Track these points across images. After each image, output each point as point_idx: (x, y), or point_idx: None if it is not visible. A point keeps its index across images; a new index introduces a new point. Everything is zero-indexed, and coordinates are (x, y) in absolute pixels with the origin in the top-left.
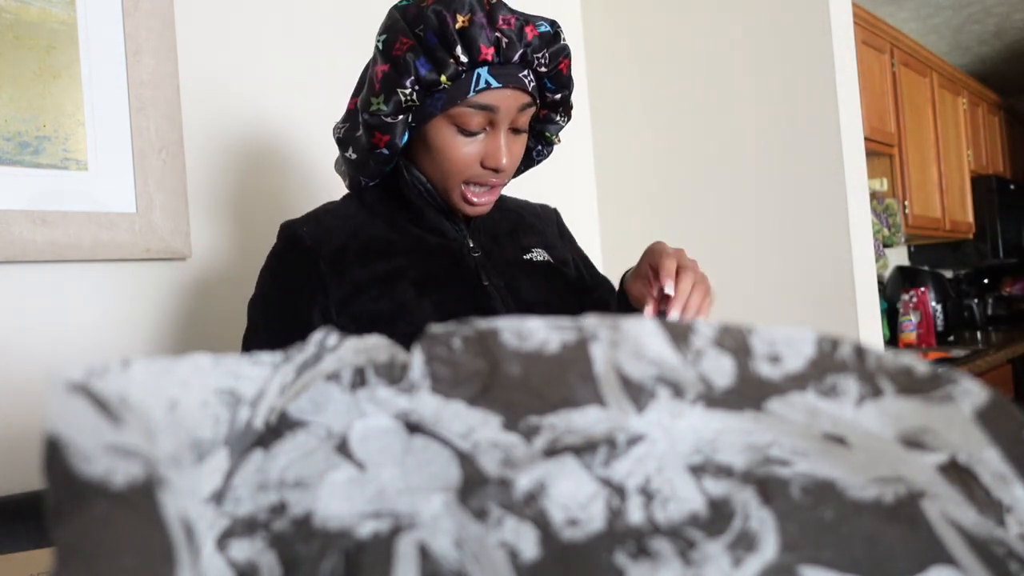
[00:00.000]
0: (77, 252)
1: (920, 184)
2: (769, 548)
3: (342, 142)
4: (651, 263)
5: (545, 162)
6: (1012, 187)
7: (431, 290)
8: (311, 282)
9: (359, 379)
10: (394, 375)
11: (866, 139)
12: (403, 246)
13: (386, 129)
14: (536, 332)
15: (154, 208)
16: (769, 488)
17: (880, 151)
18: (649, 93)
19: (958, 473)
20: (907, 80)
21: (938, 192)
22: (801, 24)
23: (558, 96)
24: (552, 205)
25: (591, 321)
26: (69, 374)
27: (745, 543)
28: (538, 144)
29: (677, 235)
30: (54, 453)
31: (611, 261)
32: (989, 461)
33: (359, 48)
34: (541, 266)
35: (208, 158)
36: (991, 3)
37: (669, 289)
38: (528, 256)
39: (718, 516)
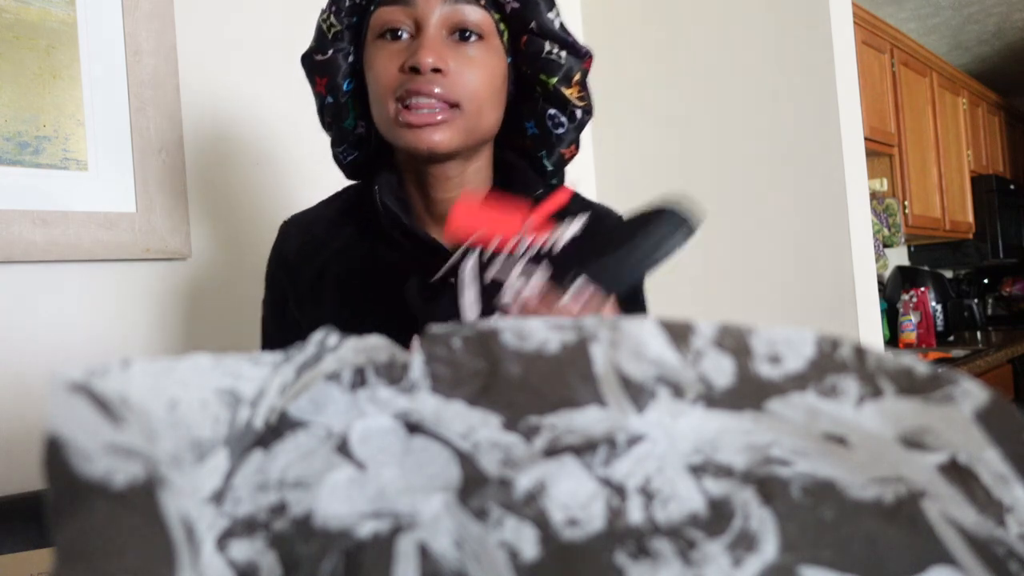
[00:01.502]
0: (77, 252)
1: (920, 184)
2: (769, 548)
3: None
4: None
5: None
6: (1012, 187)
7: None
8: (285, 300)
9: (359, 379)
10: (394, 375)
11: (866, 139)
12: (368, 271)
13: (322, 69)
14: (536, 332)
15: (154, 208)
16: (769, 488)
17: (880, 151)
18: (649, 93)
19: (958, 473)
20: (907, 80)
21: (938, 192)
22: (801, 24)
23: (517, 4)
24: None
25: (591, 321)
26: (69, 374)
27: (745, 543)
28: (551, 106)
29: None
30: (55, 453)
31: None
32: (989, 461)
33: None
34: None
35: (208, 158)
36: (991, 3)
37: None
38: None
39: (718, 516)
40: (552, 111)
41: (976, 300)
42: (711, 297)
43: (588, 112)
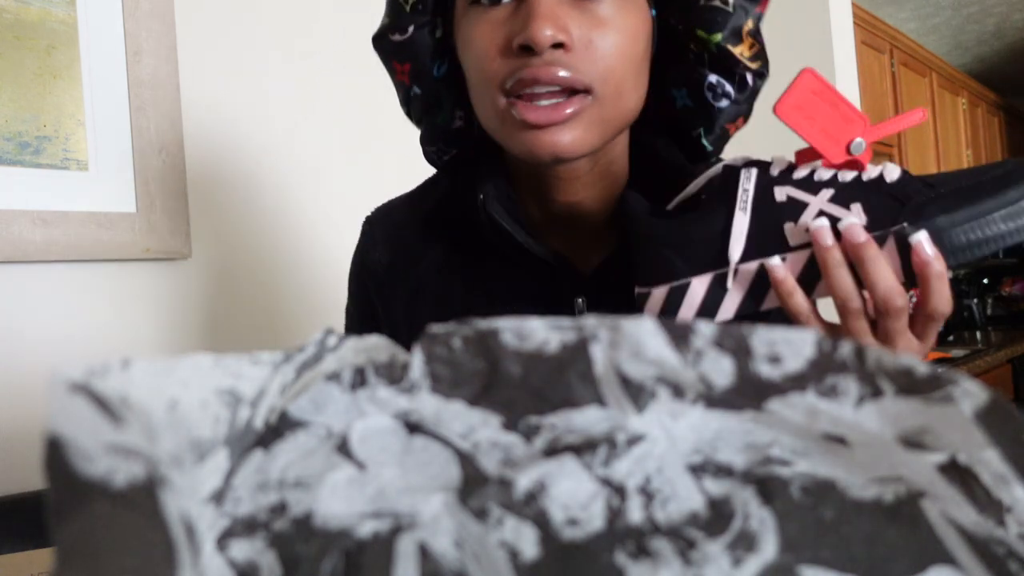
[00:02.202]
0: (77, 252)
1: None
2: (769, 548)
3: (415, 122)
4: None
5: None
6: None
7: None
8: (375, 316)
9: (359, 379)
10: (394, 375)
11: None
12: (462, 303)
13: (403, 52)
14: (536, 332)
15: (154, 208)
16: (769, 488)
17: (880, 151)
18: None
19: (958, 473)
20: (907, 80)
21: None
22: (801, 24)
23: None
24: None
25: (591, 321)
26: (70, 374)
27: (745, 543)
28: (713, 71)
29: None
30: (55, 453)
31: None
32: (989, 461)
33: (360, 47)
34: None
35: (208, 158)
36: (991, 3)
37: None
38: None
39: (718, 516)
40: (714, 78)
41: (976, 300)
42: None
43: (763, 74)
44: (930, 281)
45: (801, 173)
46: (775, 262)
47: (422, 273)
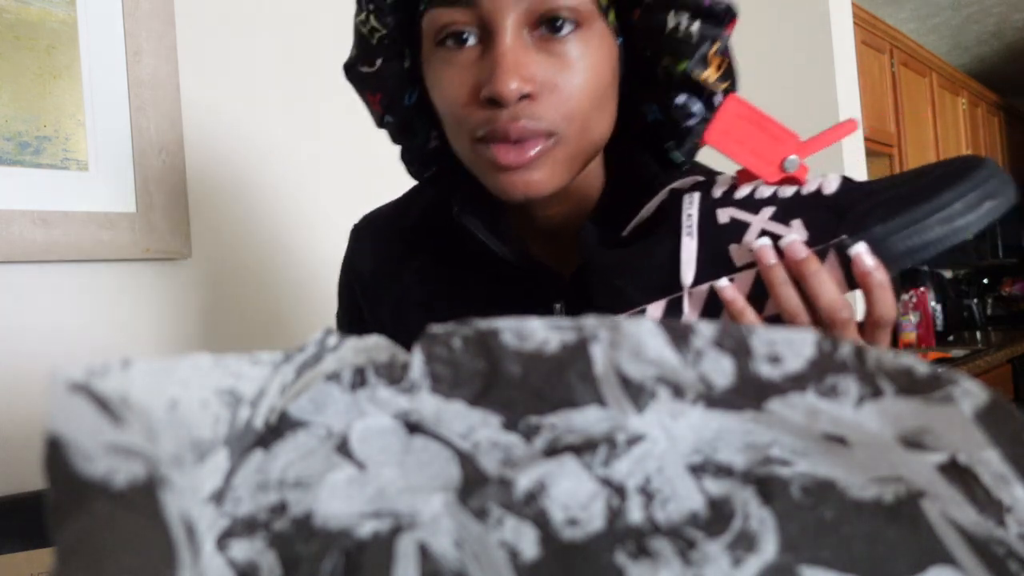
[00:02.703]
0: (77, 252)
1: None
2: (769, 548)
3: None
4: None
5: None
6: None
7: None
8: (363, 319)
9: (359, 379)
10: (394, 375)
11: (866, 139)
12: (451, 299)
13: (373, 83)
14: (536, 332)
15: (154, 208)
16: (769, 488)
17: (880, 151)
18: None
19: (958, 473)
20: (907, 80)
21: None
22: (801, 24)
23: None
24: None
25: (591, 321)
26: (70, 374)
27: (745, 543)
28: (681, 92)
29: None
30: (55, 453)
31: None
32: (989, 461)
33: None
34: None
35: (208, 158)
36: (990, 3)
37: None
38: None
39: (718, 516)
40: (681, 99)
41: (976, 300)
42: None
43: (732, 90)
44: (872, 291)
45: (743, 192)
46: (723, 283)
47: (407, 280)
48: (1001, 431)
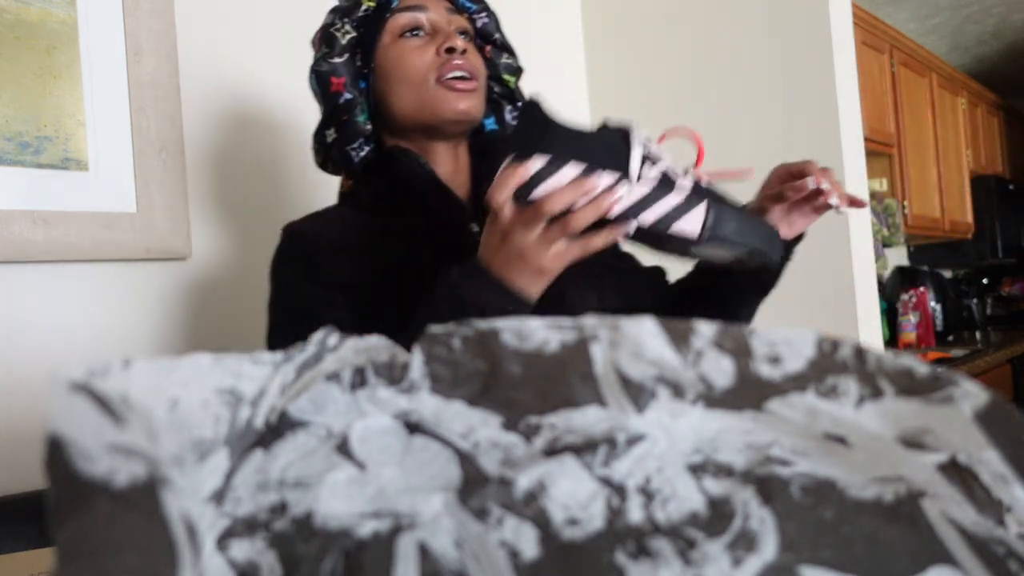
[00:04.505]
0: (77, 252)
1: (919, 184)
2: (769, 548)
3: (319, 138)
4: (790, 170)
5: None
6: (1011, 187)
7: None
8: (315, 269)
9: (359, 379)
10: (394, 375)
11: (865, 139)
12: (398, 245)
13: (338, 70)
14: (536, 332)
15: (154, 208)
16: (769, 488)
17: (879, 151)
18: (648, 93)
19: (958, 473)
20: (906, 80)
21: (937, 192)
22: (801, 24)
23: (487, 18)
24: None
25: (591, 321)
26: (71, 374)
27: (745, 543)
28: (509, 103)
29: None
30: (56, 452)
31: None
32: (989, 462)
33: None
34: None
35: (208, 158)
36: (990, 3)
37: (823, 185)
38: None
39: (718, 516)
40: (509, 110)
41: (975, 300)
42: None
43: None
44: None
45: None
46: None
47: (375, 246)
48: (1001, 431)
